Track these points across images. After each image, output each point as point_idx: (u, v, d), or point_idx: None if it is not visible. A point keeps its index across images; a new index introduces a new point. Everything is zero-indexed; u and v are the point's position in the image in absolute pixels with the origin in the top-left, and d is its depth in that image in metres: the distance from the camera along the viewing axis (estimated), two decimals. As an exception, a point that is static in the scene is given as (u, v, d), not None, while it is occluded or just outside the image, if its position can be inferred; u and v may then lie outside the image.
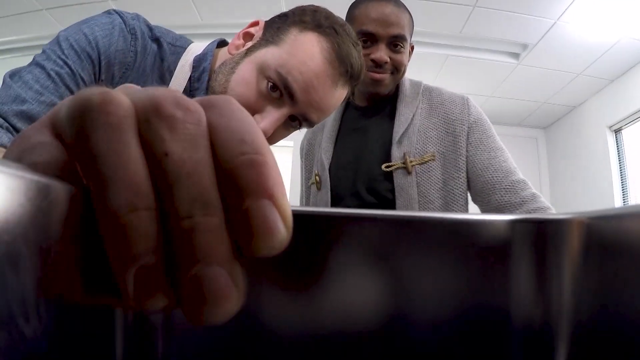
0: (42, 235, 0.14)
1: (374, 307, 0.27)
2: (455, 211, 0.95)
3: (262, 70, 0.61)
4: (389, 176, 0.97)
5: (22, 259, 0.13)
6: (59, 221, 0.15)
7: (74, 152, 0.16)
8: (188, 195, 0.16)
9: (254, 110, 0.61)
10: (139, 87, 0.19)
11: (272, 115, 0.61)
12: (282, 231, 0.17)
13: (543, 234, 0.27)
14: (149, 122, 0.16)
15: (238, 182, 0.16)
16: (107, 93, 0.16)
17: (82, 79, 0.55)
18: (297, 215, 0.19)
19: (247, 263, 0.17)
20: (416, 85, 1.05)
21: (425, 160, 0.95)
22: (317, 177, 1.07)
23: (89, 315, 0.20)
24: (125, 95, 0.17)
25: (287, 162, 3.77)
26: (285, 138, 0.71)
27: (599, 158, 3.64)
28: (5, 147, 0.47)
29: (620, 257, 0.23)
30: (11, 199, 0.13)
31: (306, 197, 1.15)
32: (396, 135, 0.98)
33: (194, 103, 0.17)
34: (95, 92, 0.16)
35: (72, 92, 0.54)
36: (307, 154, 1.17)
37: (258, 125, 0.60)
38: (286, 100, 0.61)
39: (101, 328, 0.22)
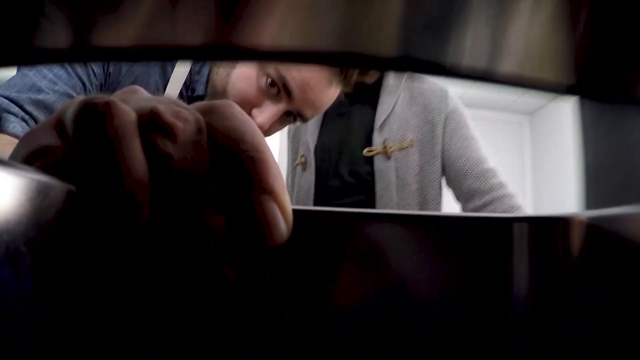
0: (41, 234, 0.14)
1: (373, 306, 0.27)
2: (430, 195, 1.02)
3: (262, 67, 0.64)
4: (369, 160, 1.03)
5: (22, 259, 0.13)
6: (58, 220, 0.16)
7: (79, 152, 0.17)
8: (191, 192, 0.17)
9: (252, 104, 0.65)
10: (144, 94, 0.21)
11: (270, 110, 0.65)
12: (282, 225, 0.17)
13: (543, 233, 0.27)
14: (151, 129, 0.18)
15: (239, 178, 0.17)
16: (113, 102, 0.17)
17: (93, 70, 0.59)
18: (297, 213, 0.19)
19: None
20: (399, 75, 1.10)
21: (404, 146, 1.02)
22: (302, 158, 1.13)
23: (89, 315, 0.19)
24: (127, 104, 0.18)
25: (274, 142, 3.79)
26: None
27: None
28: (17, 137, 0.50)
29: (620, 258, 0.22)
30: (12, 198, 0.13)
31: (292, 177, 1.21)
32: (378, 122, 1.04)
33: (192, 112, 0.19)
34: (100, 99, 0.17)
35: (83, 83, 0.57)
36: (294, 136, 1.23)
37: (256, 119, 0.64)
38: (283, 96, 0.65)
39: (101, 328, 0.21)
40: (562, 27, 0.11)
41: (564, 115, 3.98)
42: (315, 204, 1.08)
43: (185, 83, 0.68)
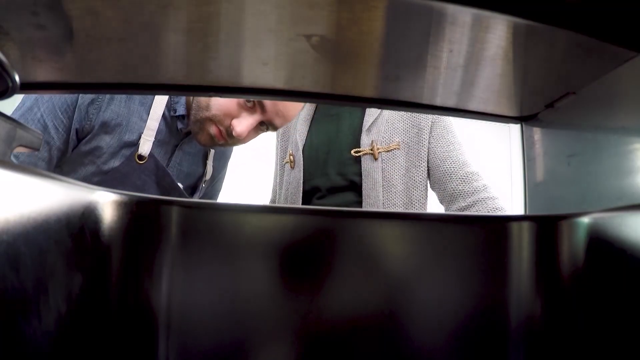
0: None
1: (372, 307, 0.26)
2: (416, 196, 1.04)
3: None
4: (357, 161, 1.05)
5: (23, 260, 0.13)
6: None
7: None
8: None
9: (232, 116, 0.81)
10: None
11: (247, 121, 0.81)
12: None
13: (543, 232, 0.27)
14: None
15: None
16: None
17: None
18: (298, 213, 0.20)
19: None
20: None
21: (391, 148, 1.04)
22: (291, 157, 1.14)
23: (90, 315, 0.19)
24: None
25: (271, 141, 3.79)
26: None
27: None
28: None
29: (622, 256, 0.22)
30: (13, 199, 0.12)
31: (280, 174, 1.22)
32: (366, 124, 1.06)
33: None
34: None
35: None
36: (283, 135, 1.25)
37: (236, 128, 0.79)
38: (258, 109, 0.81)
39: (101, 328, 0.21)
40: (510, 73, 0.13)
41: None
42: (303, 203, 1.09)
43: (167, 105, 0.83)
